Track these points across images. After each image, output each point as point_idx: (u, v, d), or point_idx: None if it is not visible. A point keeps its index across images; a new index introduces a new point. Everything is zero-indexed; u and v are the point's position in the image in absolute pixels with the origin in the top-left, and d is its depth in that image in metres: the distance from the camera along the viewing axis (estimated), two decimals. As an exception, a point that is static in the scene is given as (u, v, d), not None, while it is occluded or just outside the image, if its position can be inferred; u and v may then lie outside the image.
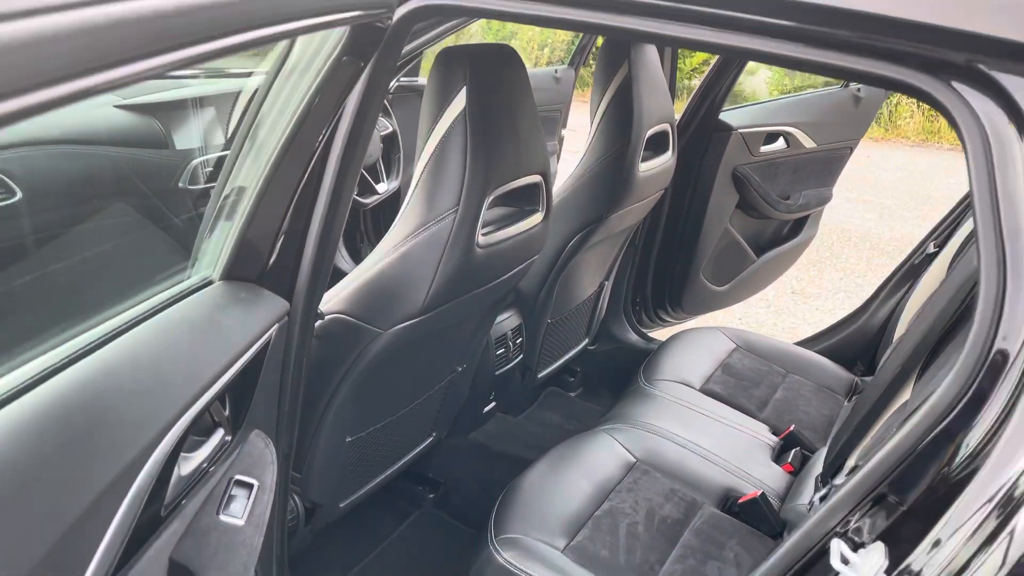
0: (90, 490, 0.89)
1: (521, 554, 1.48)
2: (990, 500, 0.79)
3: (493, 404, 2.40)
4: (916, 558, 0.83)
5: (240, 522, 1.18)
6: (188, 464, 1.11)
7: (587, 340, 2.78)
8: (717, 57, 2.57)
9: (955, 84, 0.90)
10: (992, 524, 0.78)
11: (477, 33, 8.90)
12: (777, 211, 2.84)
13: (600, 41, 2.78)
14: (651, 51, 2.17)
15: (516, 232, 1.70)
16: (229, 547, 1.16)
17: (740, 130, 2.65)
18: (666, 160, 2.32)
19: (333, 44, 1.11)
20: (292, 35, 0.86)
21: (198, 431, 1.15)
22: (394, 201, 2.96)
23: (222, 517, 1.17)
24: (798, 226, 3.09)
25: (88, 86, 0.58)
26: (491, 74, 1.55)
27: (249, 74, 2.04)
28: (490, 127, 1.53)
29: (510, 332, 2.27)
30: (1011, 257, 0.84)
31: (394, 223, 1.59)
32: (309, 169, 1.25)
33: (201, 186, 2.02)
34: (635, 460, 1.77)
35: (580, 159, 2.24)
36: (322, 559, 1.89)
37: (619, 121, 2.17)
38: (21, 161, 1.78)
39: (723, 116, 2.68)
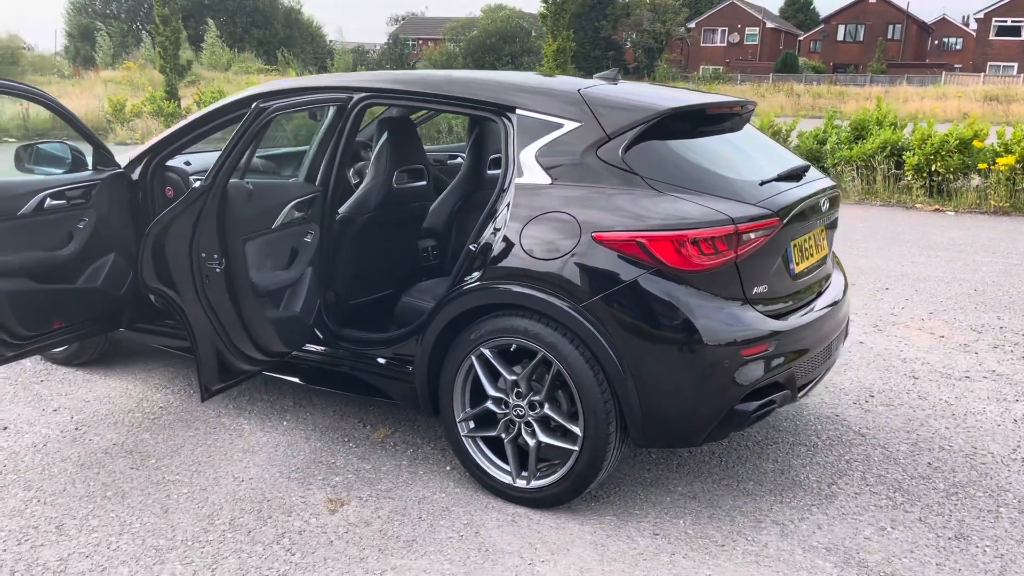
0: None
1: (412, 299, 3.76)
2: None
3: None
4: None
5: (310, 241, 3.54)
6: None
7: None
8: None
9: (502, 117, 3.28)
10: None
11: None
12: None
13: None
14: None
15: (412, 185, 4.02)
16: (307, 248, 3.52)
17: None
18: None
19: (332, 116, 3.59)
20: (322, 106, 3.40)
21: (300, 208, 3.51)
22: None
23: (306, 239, 3.54)
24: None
25: None
26: (398, 125, 3.97)
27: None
28: (397, 144, 3.90)
29: (430, 248, 4.54)
30: (516, 172, 3.16)
31: (362, 183, 4.00)
32: (332, 160, 3.69)
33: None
34: None
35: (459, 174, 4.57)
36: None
37: (475, 161, 4.50)
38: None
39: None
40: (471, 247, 3.19)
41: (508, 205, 3.10)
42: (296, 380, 3.74)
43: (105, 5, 59.13)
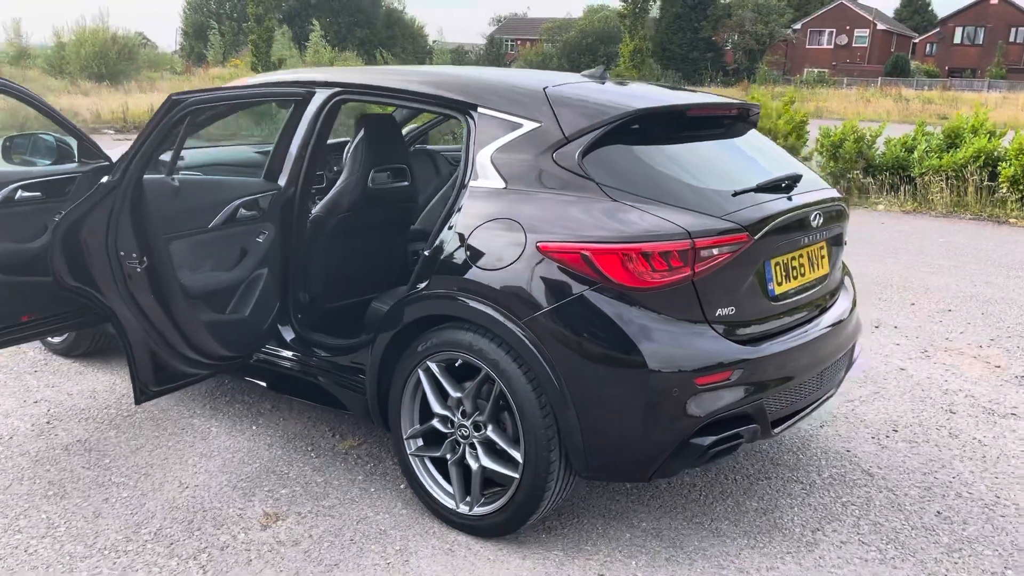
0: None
1: (382, 305, 3.55)
2: None
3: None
4: None
5: (263, 241, 3.40)
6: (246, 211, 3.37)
7: None
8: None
9: (465, 115, 3.07)
10: None
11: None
12: None
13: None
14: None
15: (392, 186, 3.75)
16: (258, 248, 3.40)
17: None
18: None
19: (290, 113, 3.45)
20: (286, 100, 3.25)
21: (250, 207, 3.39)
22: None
23: (258, 239, 3.40)
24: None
25: None
26: (376, 122, 3.79)
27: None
28: (375, 142, 3.66)
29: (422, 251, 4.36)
30: (474, 166, 2.96)
31: (336, 184, 3.83)
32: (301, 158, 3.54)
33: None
34: None
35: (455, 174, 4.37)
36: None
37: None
38: (215, 171, 4.26)
39: None
40: (424, 252, 2.99)
41: (460, 209, 2.89)
42: (263, 384, 3.62)
43: (219, 5, 61.46)
